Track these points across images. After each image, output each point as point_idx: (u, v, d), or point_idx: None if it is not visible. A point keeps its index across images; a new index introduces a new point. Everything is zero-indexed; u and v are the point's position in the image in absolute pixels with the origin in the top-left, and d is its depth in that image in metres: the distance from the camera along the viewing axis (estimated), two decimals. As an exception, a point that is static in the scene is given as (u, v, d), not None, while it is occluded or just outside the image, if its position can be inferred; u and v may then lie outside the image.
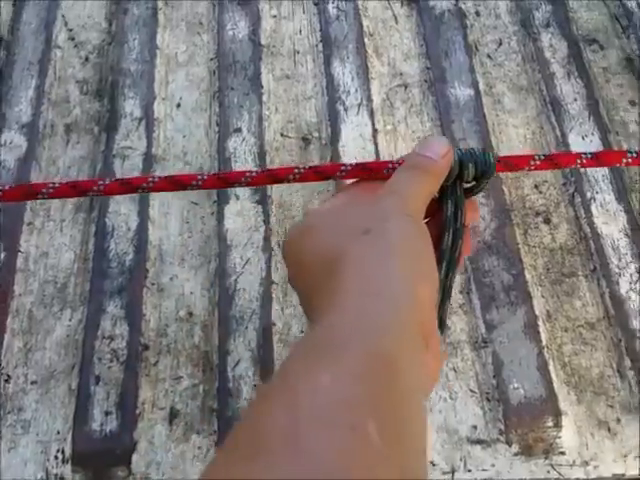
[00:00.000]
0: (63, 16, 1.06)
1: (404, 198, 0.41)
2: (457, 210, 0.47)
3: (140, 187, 0.47)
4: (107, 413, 0.76)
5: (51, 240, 0.87)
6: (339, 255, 0.37)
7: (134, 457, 0.74)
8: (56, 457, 0.73)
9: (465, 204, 0.47)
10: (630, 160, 0.49)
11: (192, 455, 0.75)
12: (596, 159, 0.49)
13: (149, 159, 0.94)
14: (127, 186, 0.47)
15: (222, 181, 0.48)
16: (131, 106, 0.98)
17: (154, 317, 0.83)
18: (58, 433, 0.74)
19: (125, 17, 1.07)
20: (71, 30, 1.05)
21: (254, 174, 0.48)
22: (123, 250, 0.87)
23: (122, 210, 0.90)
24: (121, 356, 0.80)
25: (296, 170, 0.48)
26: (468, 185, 0.48)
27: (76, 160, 0.94)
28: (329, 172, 0.48)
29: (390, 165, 0.46)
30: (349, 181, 0.48)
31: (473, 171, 0.45)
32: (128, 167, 0.93)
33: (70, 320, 0.82)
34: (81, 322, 0.82)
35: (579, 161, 0.49)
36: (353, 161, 0.48)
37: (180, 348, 0.81)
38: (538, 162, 0.48)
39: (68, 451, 0.73)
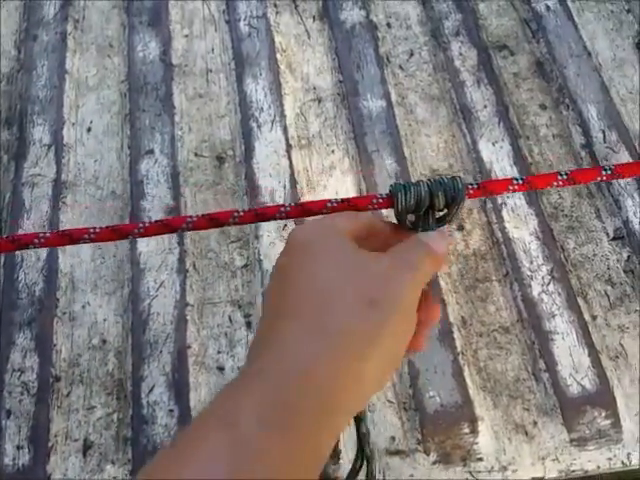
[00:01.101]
0: (-31, 44, 1.05)
1: (415, 277, 0.39)
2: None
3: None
4: (19, 447, 0.74)
5: (-44, 274, 0.85)
6: (324, 308, 0.36)
7: None
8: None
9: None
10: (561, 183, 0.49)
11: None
12: (527, 184, 0.48)
13: (59, 185, 0.92)
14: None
15: (259, 217, 0.46)
16: (40, 133, 0.97)
17: (66, 347, 0.81)
18: (-36, 472, 0.72)
19: (34, 44, 1.05)
20: (-22, 58, 1.03)
21: (288, 208, 0.46)
22: (32, 280, 0.85)
23: (32, 239, 0.88)
24: (32, 388, 0.78)
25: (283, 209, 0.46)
26: (440, 214, 0.47)
27: (-16, 191, 0.92)
28: (315, 208, 0.46)
29: (329, 204, 0.45)
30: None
31: (443, 199, 0.45)
32: (38, 194, 0.91)
33: (-22, 355, 0.80)
34: (-11, 356, 0.80)
35: (510, 187, 0.48)
36: (268, 178, 0.46)
37: (93, 377, 0.80)
38: (516, 185, 0.47)
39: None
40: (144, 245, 0.88)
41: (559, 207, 0.92)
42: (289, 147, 0.96)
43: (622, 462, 0.77)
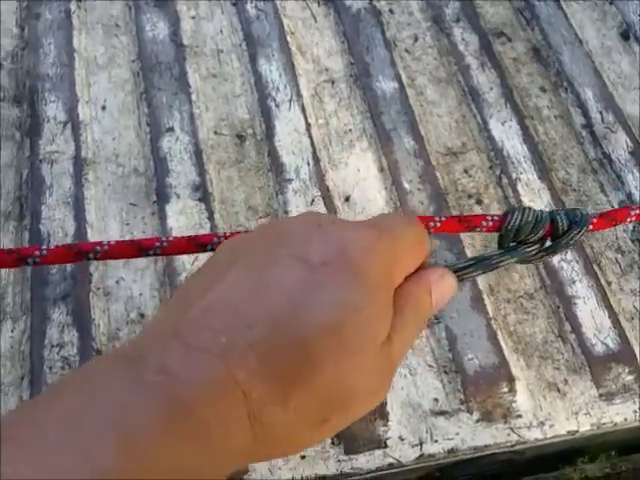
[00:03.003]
0: (-30, 21, 1.01)
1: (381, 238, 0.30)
2: (505, 259, 0.40)
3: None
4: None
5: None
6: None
7: None
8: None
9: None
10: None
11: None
12: None
13: (79, 162, 0.91)
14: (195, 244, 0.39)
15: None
16: (53, 110, 0.94)
17: (103, 321, 0.80)
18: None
19: (37, 22, 1.03)
20: (-20, 36, 1.00)
21: None
22: (63, 256, 0.83)
23: (57, 215, 0.86)
24: (73, 363, 0.76)
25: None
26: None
27: (0, 167, 0.89)
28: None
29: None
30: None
31: (566, 222, 0.40)
32: (58, 171, 0.89)
33: (13, 331, 0.78)
34: (25, 332, 0.77)
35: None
36: (292, 155, 0.46)
37: (135, 351, 0.78)
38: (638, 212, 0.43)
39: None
40: (174, 221, 0.87)
41: (567, 182, 0.97)
42: (308, 126, 0.97)
43: (647, 414, 0.82)
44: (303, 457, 0.75)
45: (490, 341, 0.83)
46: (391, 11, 1.12)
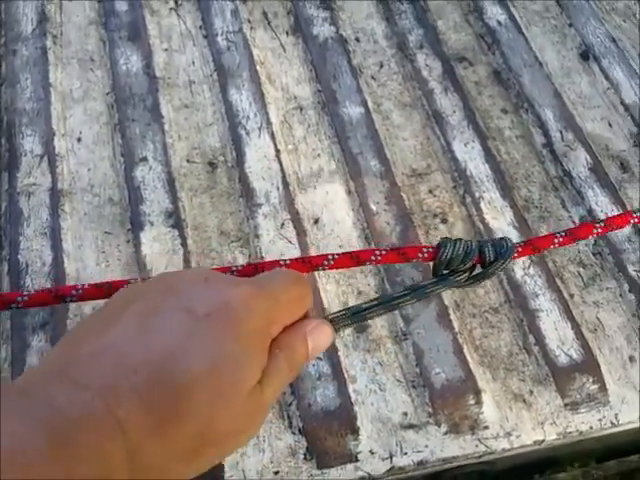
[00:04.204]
0: (-52, 59, 1.04)
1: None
2: (438, 287, 0.45)
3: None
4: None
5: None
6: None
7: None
8: None
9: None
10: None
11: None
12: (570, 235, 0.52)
13: (55, 194, 0.93)
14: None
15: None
16: (30, 144, 0.97)
17: (80, 348, 0.82)
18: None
19: (14, 58, 1.06)
20: (-42, 73, 1.03)
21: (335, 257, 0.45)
22: (40, 285, 0.85)
23: (34, 246, 0.88)
24: (51, 390, 0.78)
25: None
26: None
27: (-22, 201, 0.92)
28: (363, 257, 0.45)
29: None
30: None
31: (493, 252, 0.45)
32: (35, 203, 0.92)
33: (-8, 360, 0.80)
34: (6, 359, 0.80)
35: (555, 241, 0.51)
36: (262, 181, 0.48)
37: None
38: (561, 239, 0.49)
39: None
40: (148, 247, 0.90)
41: (529, 200, 1.01)
42: (277, 152, 1.01)
43: (611, 422, 0.85)
44: (277, 473, 0.78)
45: (456, 355, 0.86)
46: (357, 39, 1.16)
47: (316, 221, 0.95)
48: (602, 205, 1.00)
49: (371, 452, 0.80)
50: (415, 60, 1.14)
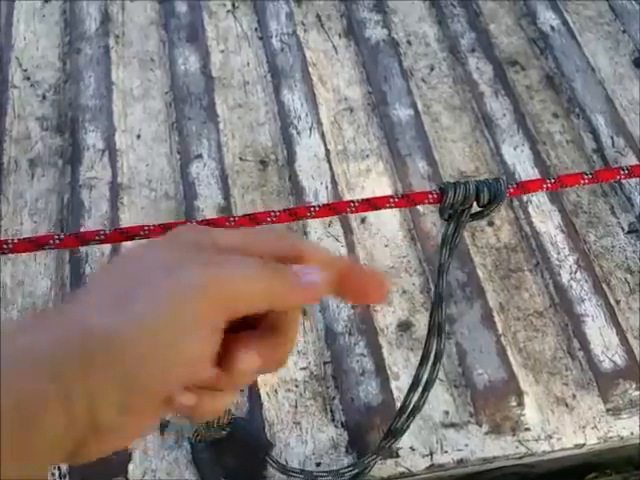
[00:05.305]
0: (17, 58, 1.09)
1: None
2: (456, 232, 0.54)
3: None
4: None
5: (26, 269, 0.89)
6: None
7: (130, 466, 0.76)
8: (52, 474, 0.74)
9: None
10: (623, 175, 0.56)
11: (185, 460, 0.77)
12: (558, 182, 0.55)
13: (115, 188, 0.97)
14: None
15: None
16: (92, 139, 1.02)
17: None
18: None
19: (78, 56, 1.11)
20: (26, 70, 1.08)
21: (356, 203, 0.52)
22: (98, 274, 0.89)
23: (93, 237, 0.92)
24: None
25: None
26: (476, 211, 0.52)
27: (43, 193, 0.96)
28: (379, 204, 0.53)
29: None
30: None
31: (487, 195, 0.49)
32: (96, 196, 0.96)
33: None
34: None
35: (544, 185, 0.55)
36: (311, 180, 0.51)
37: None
38: (549, 184, 0.54)
39: (64, 467, 0.74)
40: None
41: (578, 205, 1.01)
42: (327, 152, 1.03)
43: (654, 428, 0.84)
44: (318, 464, 0.80)
45: (499, 357, 0.87)
46: (409, 42, 1.18)
47: (363, 220, 0.97)
48: (652, 212, 0.99)
49: (412, 449, 0.81)
50: (466, 63, 1.15)
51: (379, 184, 1.01)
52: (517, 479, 0.92)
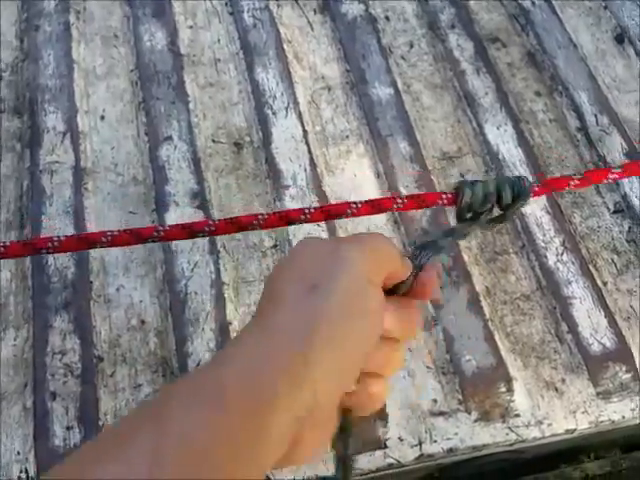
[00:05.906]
0: (-30, 35, 1.03)
1: (363, 259, 0.35)
2: (465, 235, 0.46)
3: (202, 231, 0.45)
4: (69, 428, 0.73)
5: (-15, 260, 0.83)
6: (277, 303, 0.34)
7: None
8: (19, 478, 0.69)
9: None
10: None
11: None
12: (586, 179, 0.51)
13: (79, 172, 0.92)
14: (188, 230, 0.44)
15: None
16: (53, 121, 0.96)
17: (104, 328, 0.81)
18: (18, 454, 0.71)
19: (37, 34, 1.04)
20: (-20, 48, 1.02)
21: (359, 205, 0.45)
22: (63, 265, 0.84)
23: (57, 225, 0.87)
24: (75, 370, 0.77)
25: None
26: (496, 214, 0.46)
27: (0, 178, 0.90)
28: (385, 205, 0.46)
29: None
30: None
31: (510, 194, 0.43)
32: (58, 181, 0.91)
33: (15, 339, 0.79)
34: (27, 340, 0.78)
35: (571, 183, 0.50)
36: (289, 162, 0.47)
37: (136, 356, 0.79)
38: (577, 181, 0.47)
39: (32, 470, 0.69)
40: (173, 228, 0.88)
41: (562, 184, 0.98)
42: (305, 133, 0.99)
43: (645, 412, 0.82)
44: (303, 459, 0.76)
45: (487, 342, 0.84)
46: (387, 18, 1.13)
47: (344, 203, 0.93)
48: (637, 191, 0.97)
49: (400, 439, 0.78)
50: (446, 40, 1.11)
51: (360, 166, 0.97)
52: (506, 465, 0.90)
